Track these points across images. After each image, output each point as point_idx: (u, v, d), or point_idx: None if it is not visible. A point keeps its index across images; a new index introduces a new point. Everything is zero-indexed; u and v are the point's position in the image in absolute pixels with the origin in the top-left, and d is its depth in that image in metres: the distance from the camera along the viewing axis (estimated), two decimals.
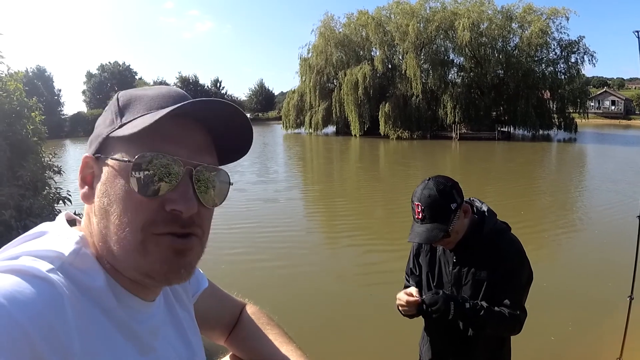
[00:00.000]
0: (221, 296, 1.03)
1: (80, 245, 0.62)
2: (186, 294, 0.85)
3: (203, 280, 0.96)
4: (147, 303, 0.68)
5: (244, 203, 11.90)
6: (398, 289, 2.16)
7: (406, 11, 39.31)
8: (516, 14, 39.02)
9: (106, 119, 0.67)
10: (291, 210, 11.75)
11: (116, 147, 0.63)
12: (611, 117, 66.29)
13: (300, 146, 35.65)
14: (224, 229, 8.90)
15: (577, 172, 20.05)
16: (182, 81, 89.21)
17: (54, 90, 72.74)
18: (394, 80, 41.48)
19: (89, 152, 0.66)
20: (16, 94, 4.29)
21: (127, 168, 0.60)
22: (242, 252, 7.97)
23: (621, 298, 3.84)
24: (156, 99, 0.66)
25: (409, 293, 1.99)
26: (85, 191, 0.65)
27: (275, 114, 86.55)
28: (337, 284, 6.72)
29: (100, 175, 0.63)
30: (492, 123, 38.90)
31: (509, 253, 1.96)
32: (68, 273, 0.57)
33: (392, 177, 18.56)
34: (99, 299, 0.60)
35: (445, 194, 1.88)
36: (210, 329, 0.99)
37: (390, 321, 4.53)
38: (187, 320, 0.82)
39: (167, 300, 0.78)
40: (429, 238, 1.88)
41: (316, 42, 44.19)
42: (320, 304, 6.03)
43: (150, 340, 0.67)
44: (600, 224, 10.06)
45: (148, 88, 0.69)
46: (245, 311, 1.04)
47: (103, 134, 0.65)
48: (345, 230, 9.82)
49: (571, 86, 39.39)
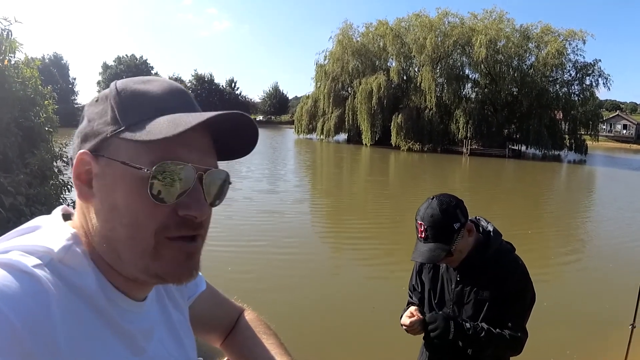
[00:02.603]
0: (220, 299, 1.02)
1: (71, 242, 0.62)
2: (181, 295, 0.85)
3: (201, 282, 0.96)
4: (138, 303, 0.68)
5: (252, 215, 11.74)
6: (401, 303, 2.19)
7: (425, 24, 39.59)
8: (534, 33, 39.19)
9: (104, 113, 0.64)
10: (296, 223, 11.49)
11: (122, 148, 0.61)
12: (622, 141, 66.03)
13: (311, 153, 35.66)
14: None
15: (586, 195, 20.02)
16: (197, 79, 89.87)
17: (69, 79, 73.73)
18: (409, 92, 41.68)
19: (84, 148, 0.63)
20: (31, 81, 4.26)
21: (143, 175, 0.59)
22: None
23: (623, 325, 3.77)
24: (163, 98, 0.65)
25: (410, 314, 2.03)
26: (83, 189, 0.63)
27: (288, 118, 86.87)
28: (339, 296, 6.71)
29: (103, 176, 0.62)
30: (503, 140, 38.98)
31: (513, 275, 1.96)
32: (56, 269, 0.57)
33: (402, 190, 18.62)
34: (87, 296, 0.60)
35: (448, 213, 1.88)
36: (207, 332, 1.00)
37: (391, 335, 4.56)
38: (181, 322, 0.81)
39: (160, 301, 0.78)
40: (431, 258, 1.89)
41: (333, 49, 44.57)
42: (321, 315, 6.05)
43: (142, 340, 0.68)
44: (607, 249, 10.00)
45: (147, 80, 0.67)
46: (243, 316, 1.04)
47: (104, 132, 0.62)
48: (350, 244, 9.73)
49: (584, 108, 39.46)
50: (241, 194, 13.84)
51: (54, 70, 65.18)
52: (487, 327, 1.93)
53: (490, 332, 1.91)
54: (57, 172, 4.47)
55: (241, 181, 16.64)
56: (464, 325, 1.92)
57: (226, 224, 9.88)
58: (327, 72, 44.42)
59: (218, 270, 6.78)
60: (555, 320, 5.69)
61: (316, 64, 46.55)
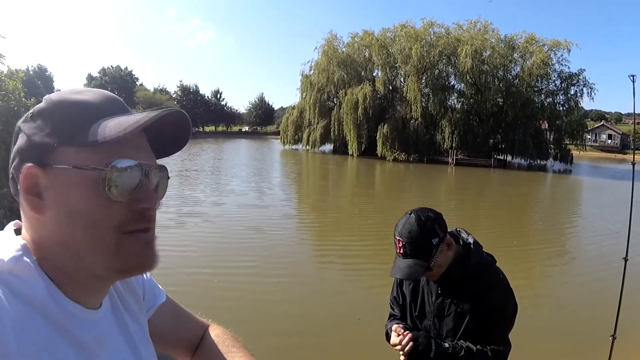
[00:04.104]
0: (181, 314, 1.00)
1: (20, 253, 0.62)
2: (138, 306, 0.83)
3: (160, 295, 0.94)
4: (91, 311, 0.67)
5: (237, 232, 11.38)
6: (385, 312, 2.25)
7: (410, 35, 39.59)
8: (519, 43, 39.40)
9: (44, 126, 0.65)
10: (283, 239, 11.21)
11: (71, 155, 0.62)
12: (607, 151, 66.71)
13: (297, 164, 35.35)
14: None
15: (570, 206, 20.01)
16: (182, 90, 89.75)
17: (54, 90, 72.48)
18: (394, 102, 41.74)
19: (29, 162, 0.63)
20: (15, 93, 4.30)
21: (96, 175, 0.61)
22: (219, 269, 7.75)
23: (603, 336, 3.81)
24: (100, 104, 0.67)
25: (398, 333, 1.97)
26: (34, 202, 0.63)
27: (274, 129, 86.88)
28: (323, 306, 6.64)
29: (54, 185, 0.62)
30: (489, 150, 39.04)
31: (494, 288, 1.95)
32: (5, 281, 0.58)
33: (387, 201, 18.46)
34: (38, 306, 0.60)
35: (426, 229, 1.86)
36: (171, 347, 0.97)
37: (376, 343, 4.57)
38: (138, 332, 0.79)
39: (115, 310, 0.76)
40: (410, 274, 1.87)
41: (319, 59, 44.50)
42: (305, 325, 6.01)
43: (96, 349, 0.67)
44: (589, 261, 10.03)
45: (80, 91, 0.68)
46: (208, 332, 1.01)
47: (48, 143, 0.63)
48: (334, 255, 9.67)
49: (569, 118, 39.64)
50: (225, 209, 13.41)
51: (38, 82, 64.67)
52: (467, 345, 1.91)
53: (469, 350, 1.89)
54: None
55: (227, 195, 16.53)
56: (443, 345, 1.90)
57: (209, 241, 9.81)
58: (312, 82, 44.30)
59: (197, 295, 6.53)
60: (538, 332, 5.73)
61: (302, 75, 46.40)
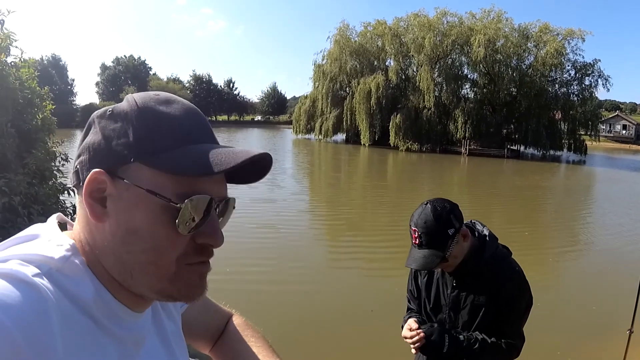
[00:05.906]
0: (209, 306, 1.03)
1: (70, 253, 0.62)
2: (174, 305, 0.85)
3: None
4: (135, 313, 0.68)
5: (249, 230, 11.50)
6: (400, 307, 2.23)
7: (423, 24, 39.53)
8: (532, 33, 39.11)
9: (124, 133, 0.62)
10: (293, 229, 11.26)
11: (145, 175, 0.60)
12: (622, 142, 66.00)
13: (310, 155, 35.33)
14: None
15: (585, 197, 19.90)
16: (195, 79, 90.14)
17: (68, 80, 73.83)
18: (407, 92, 41.67)
19: (97, 166, 0.61)
20: (29, 82, 4.24)
21: (169, 206, 0.59)
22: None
23: (619, 330, 3.75)
24: (186, 124, 0.64)
25: (410, 328, 2.02)
26: (97, 208, 0.61)
27: (286, 118, 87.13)
28: (337, 299, 6.66)
29: (120, 198, 0.61)
30: (502, 140, 38.91)
31: (509, 281, 1.95)
32: (55, 279, 0.57)
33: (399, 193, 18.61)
34: (85, 305, 0.60)
35: (442, 219, 1.86)
36: (196, 338, 1.00)
37: (389, 337, 4.52)
38: (173, 331, 0.81)
39: (154, 312, 0.77)
40: (425, 264, 1.88)
41: (331, 49, 44.48)
42: (319, 318, 6.03)
43: (134, 349, 0.68)
44: (605, 252, 9.96)
45: (167, 101, 0.66)
46: (231, 322, 1.05)
47: (125, 155, 0.61)
48: (347, 248, 9.71)
49: (583, 108, 39.38)
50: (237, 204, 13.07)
51: (52, 71, 65.37)
52: (482, 337, 1.94)
53: (484, 342, 1.92)
54: (57, 173, 4.50)
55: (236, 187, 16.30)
56: (458, 338, 1.93)
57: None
58: (325, 72, 44.37)
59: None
60: (553, 324, 5.66)
61: (314, 64, 46.51)
